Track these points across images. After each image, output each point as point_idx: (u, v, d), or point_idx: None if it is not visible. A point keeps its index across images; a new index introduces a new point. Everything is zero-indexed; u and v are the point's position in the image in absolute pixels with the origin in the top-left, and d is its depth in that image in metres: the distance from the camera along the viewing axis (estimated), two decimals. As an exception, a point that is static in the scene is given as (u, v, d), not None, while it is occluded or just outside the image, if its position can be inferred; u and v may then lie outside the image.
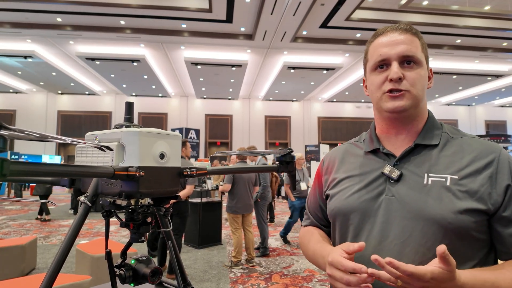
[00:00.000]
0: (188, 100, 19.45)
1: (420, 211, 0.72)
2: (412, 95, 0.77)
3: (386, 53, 0.79)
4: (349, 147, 0.95)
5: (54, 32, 10.29)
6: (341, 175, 0.89)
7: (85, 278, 2.77)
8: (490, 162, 0.73)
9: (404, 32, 0.80)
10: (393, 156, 0.82)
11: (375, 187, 0.80)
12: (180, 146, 0.79)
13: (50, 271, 0.70)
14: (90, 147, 0.75)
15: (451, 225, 0.69)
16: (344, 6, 8.96)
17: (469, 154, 0.75)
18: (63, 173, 0.53)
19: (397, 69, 0.76)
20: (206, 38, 10.87)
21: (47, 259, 4.69)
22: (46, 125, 18.36)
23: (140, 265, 0.75)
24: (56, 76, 14.69)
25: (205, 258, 4.75)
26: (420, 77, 0.78)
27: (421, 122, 0.82)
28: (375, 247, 0.76)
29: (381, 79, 0.80)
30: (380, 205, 0.78)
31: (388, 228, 0.75)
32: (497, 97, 19.49)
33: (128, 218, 0.74)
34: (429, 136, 0.80)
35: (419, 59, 0.78)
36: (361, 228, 0.80)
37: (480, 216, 0.70)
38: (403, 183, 0.77)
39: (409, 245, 0.72)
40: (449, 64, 13.52)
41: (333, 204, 0.87)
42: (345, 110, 20.82)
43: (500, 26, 10.44)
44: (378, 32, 0.85)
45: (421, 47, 0.80)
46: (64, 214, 8.83)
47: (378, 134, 0.88)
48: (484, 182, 0.71)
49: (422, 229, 0.71)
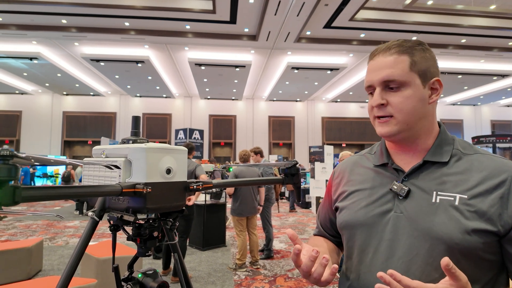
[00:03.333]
0: (192, 100, 19.50)
1: (428, 230, 0.71)
2: (398, 120, 0.76)
3: (370, 79, 0.80)
4: (359, 159, 0.95)
5: (59, 33, 10.37)
6: (350, 188, 0.89)
7: (91, 282, 2.79)
8: (502, 182, 0.71)
9: (391, 54, 0.78)
10: (402, 171, 0.80)
11: (384, 203, 0.80)
12: (186, 160, 0.80)
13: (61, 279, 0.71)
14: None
15: (458, 245, 0.68)
16: (348, 6, 8.92)
17: (480, 172, 0.73)
18: (72, 195, 0.54)
19: (377, 96, 0.78)
20: (210, 39, 10.89)
21: (53, 261, 4.73)
22: (52, 126, 18.49)
23: (147, 279, 0.76)
24: (61, 77, 14.80)
25: (209, 260, 4.76)
26: (405, 100, 0.76)
27: (429, 138, 0.81)
28: (382, 264, 0.75)
29: (371, 104, 0.81)
30: (388, 222, 0.77)
31: (395, 245, 0.74)
32: (503, 96, 19.31)
33: (135, 233, 0.74)
34: (439, 153, 0.78)
35: (403, 81, 0.76)
36: (368, 244, 0.79)
37: (489, 237, 0.68)
38: (411, 200, 0.76)
39: (415, 263, 0.71)
40: (454, 64, 13.43)
41: (342, 217, 0.87)
42: (349, 110, 20.74)
43: (505, 26, 10.34)
44: (372, 53, 0.84)
45: (409, 66, 0.76)
46: (70, 215, 8.90)
47: (389, 148, 0.87)
48: (494, 202, 0.69)
49: (429, 248, 0.70)
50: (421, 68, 0.78)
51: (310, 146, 16.00)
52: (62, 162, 0.49)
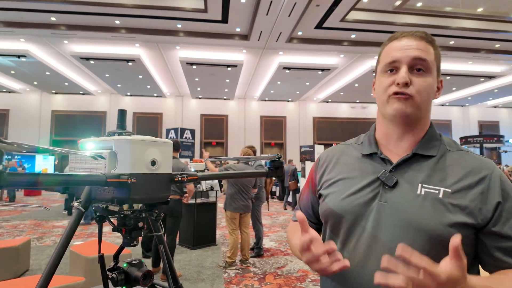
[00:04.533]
0: (183, 100, 19.42)
1: (411, 221, 0.73)
2: (416, 102, 0.77)
3: (397, 56, 0.79)
4: (346, 148, 0.95)
5: (48, 31, 10.23)
6: (336, 176, 0.89)
7: (79, 280, 2.78)
8: (483, 178, 0.74)
9: (419, 39, 0.80)
10: (390, 162, 0.82)
11: (369, 192, 0.81)
12: (171, 153, 0.82)
13: (44, 273, 0.72)
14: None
15: (440, 237, 0.70)
16: (339, 7, 9.01)
17: (463, 168, 0.76)
18: (58, 182, 0.55)
19: (405, 74, 0.77)
20: (201, 38, 10.87)
21: (41, 261, 4.68)
22: (40, 125, 18.23)
23: (132, 268, 0.78)
24: (50, 75, 14.59)
25: (199, 259, 4.76)
26: (427, 85, 0.78)
27: (422, 131, 0.83)
28: (364, 251, 0.77)
29: (388, 82, 0.80)
30: (372, 210, 0.78)
31: (378, 233, 0.76)
32: (490, 98, 19.70)
33: (120, 223, 0.76)
34: (428, 147, 0.81)
35: (429, 67, 0.78)
36: (351, 231, 0.80)
37: (468, 230, 0.71)
38: (397, 191, 0.77)
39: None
40: (443, 65, 13.24)
41: (326, 205, 0.87)
42: (340, 111, 20.91)
43: (492, 28, 10.57)
44: (394, 36, 0.84)
45: (433, 56, 0.80)
46: (58, 215, 8.78)
47: (378, 138, 0.88)
48: (475, 197, 0.72)
49: (412, 238, 0.72)
50: (438, 63, 0.82)
51: (301, 145, 16.12)
52: (51, 150, 0.51)
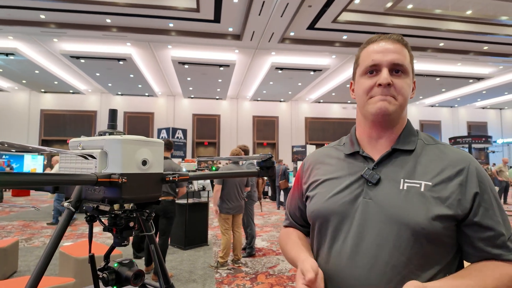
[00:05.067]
0: (175, 99, 19.31)
1: (396, 216, 0.75)
2: (398, 102, 0.82)
3: (378, 59, 0.82)
4: (329, 150, 0.98)
5: (37, 29, 10.07)
6: (321, 177, 0.91)
7: (69, 281, 2.75)
8: (461, 170, 0.77)
9: (396, 42, 0.84)
10: (372, 160, 0.85)
11: (354, 190, 0.83)
12: (163, 153, 0.82)
13: (34, 274, 0.72)
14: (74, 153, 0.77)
15: (424, 230, 0.72)
16: (331, 8, 9.07)
17: (442, 161, 0.79)
18: (47, 182, 0.55)
19: (387, 75, 0.81)
20: (193, 38, 10.83)
21: (29, 262, 4.61)
22: (29, 124, 17.93)
23: (122, 268, 0.78)
24: (39, 74, 14.37)
25: (191, 259, 4.75)
26: (406, 86, 0.83)
27: (400, 128, 0.87)
28: (352, 248, 0.78)
29: (370, 84, 0.83)
30: (358, 208, 0.80)
31: (365, 230, 0.78)
32: (478, 99, 20.05)
33: (111, 223, 0.76)
34: (406, 142, 0.84)
35: (406, 69, 0.83)
36: (339, 230, 0.82)
37: (449, 221, 0.74)
38: (380, 187, 0.80)
39: (384, 247, 0.74)
40: (433, 66, 13.85)
41: (312, 206, 0.89)
42: (331, 111, 21.05)
43: (481, 30, 10.76)
44: (371, 39, 0.88)
45: (409, 58, 0.85)
46: (48, 215, 8.66)
47: (359, 137, 0.91)
48: (455, 189, 0.75)
49: (397, 233, 0.74)
50: (412, 64, 0.87)
51: (293, 145, 16.16)
52: (41, 149, 0.50)
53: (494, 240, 0.74)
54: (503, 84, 16.09)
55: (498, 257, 0.74)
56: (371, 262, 0.75)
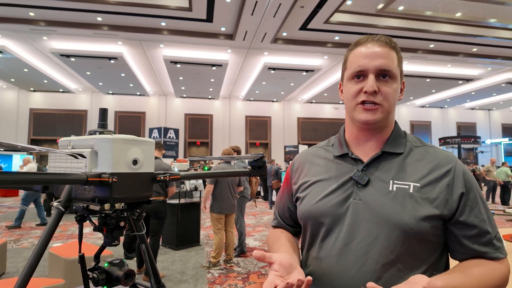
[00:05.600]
0: (167, 99, 19.20)
1: (385, 216, 0.76)
2: (384, 109, 0.81)
3: (364, 64, 0.81)
4: (318, 151, 0.98)
5: (26, 27, 9.92)
6: (311, 178, 0.92)
7: (59, 282, 2.71)
8: (448, 171, 0.79)
9: (384, 45, 0.83)
10: (361, 161, 0.85)
11: (344, 191, 0.84)
12: (154, 152, 0.82)
13: (22, 275, 0.71)
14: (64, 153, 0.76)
15: (412, 230, 0.74)
16: (323, 9, 9.13)
17: (430, 162, 0.81)
18: (37, 181, 0.55)
19: (372, 82, 0.80)
20: (186, 37, 10.79)
21: (18, 263, 4.53)
22: (17, 123, 17.64)
23: (113, 268, 0.77)
24: (28, 72, 14.14)
25: (182, 259, 4.73)
26: (393, 92, 0.82)
27: (389, 131, 0.87)
28: (342, 248, 0.79)
29: (356, 89, 0.83)
30: (348, 209, 0.81)
31: (355, 230, 0.79)
32: (467, 100, 20.38)
33: (101, 222, 0.75)
34: (395, 145, 0.85)
35: (394, 74, 0.82)
36: (330, 231, 0.83)
37: (437, 221, 0.76)
38: (370, 188, 0.81)
39: (374, 247, 0.76)
40: (423, 67, 14.04)
41: (303, 207, 0.90)
42: (324, 111, 21.17)
43: (470, 32, 10.94)
44: (359, 41, 0.86)
45: (397, 61, 0.84)
46: (36, 216, 8.53)
47: (347, 139, 0.92)
48: (442, 189, 0.77)
49: (386, 233, 0.76)
50: (401, 66, 0.86)
51: (285, 145, 16.19)
52: (30, 148, 0.50)
53: (480, 238, 0.76)
54: (491, 85, 16.39)
55: (484, 255, 0.76)
56: (361, 261, 0.76)
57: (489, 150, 22.88)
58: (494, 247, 0.76)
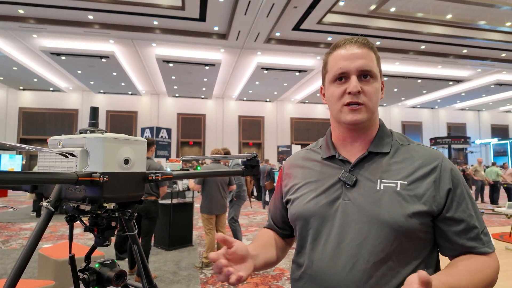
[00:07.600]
0: (159, 98, 19.08)
1: (374, 215, 0.77)
2: (368, 108, 0.82)
3: (345, 66, 0.82)
4: (307, 153, 1.00)
5: (15, 24, 9.76)
6: (300, 181, 0.93)
7: (49, 284, 2.67)
8: (435, 168, 0.80)
9: (362, 46, 0.84)
10: (349, 162, 0.87)
11: (333, 192, 0.85)
12: (145, 151, 0.81)
13: (10, 277, 0.69)
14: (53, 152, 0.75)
15: (402, 228, 0.75)
16: (316, 10, 9.17)
17: (416, 160, 0.82)
18: (26, 180, 0.54)
19: (356, 83, 0.81)
20: (178, 36, 10.73)
21: (7, 265, 4.46)
22: (6, 123, 17.35)
23: (104, 268, 0.76)
24: (18, 71, 13.91)
25: (175, 260, 4.70)
26: (375, 91, 0.83)
27: (374, 131, 0.89)
28: (334, 249, 0.80)
29: (340, 92, 0.84)
30: (337, 209, 0.82)
31: (345, 231, 0.80)
32: (457, 100, 20.67)
33: (92, 222, 0.74)
34: (381, 144, 0.86)
35: (375, 73, 0.83)
36: (320, 232, 0.84)
37: (425, 217, 0.77)
38: (358, 188, 0.82)
39: (364, 247, 0.76)
40: (414, 68, 14.19)
41: (293, 209, 0.91)
42: (316, 111, 21.27)
43: (460, 34, 11.11)
44: (338, 44, 0.88)
45: (376, 61, 0.85)
46: (26, 216, 8.40)
47: (334, 141, 0.93)
48: (429, 186, 0.78)
49: (376, 231, 0.76)
50: (379, 66, 0.87)
51: (278, 145, 16.22)
52: (19, 147, 0.49)
53: (468, 233, 0.78)
54: (481, 86, 16.65)
55: (472, 250, 0.78)
56: (352, 261, 0.76)
57: (478, 150, 23.24)
58: (482, 241, 0.78)
